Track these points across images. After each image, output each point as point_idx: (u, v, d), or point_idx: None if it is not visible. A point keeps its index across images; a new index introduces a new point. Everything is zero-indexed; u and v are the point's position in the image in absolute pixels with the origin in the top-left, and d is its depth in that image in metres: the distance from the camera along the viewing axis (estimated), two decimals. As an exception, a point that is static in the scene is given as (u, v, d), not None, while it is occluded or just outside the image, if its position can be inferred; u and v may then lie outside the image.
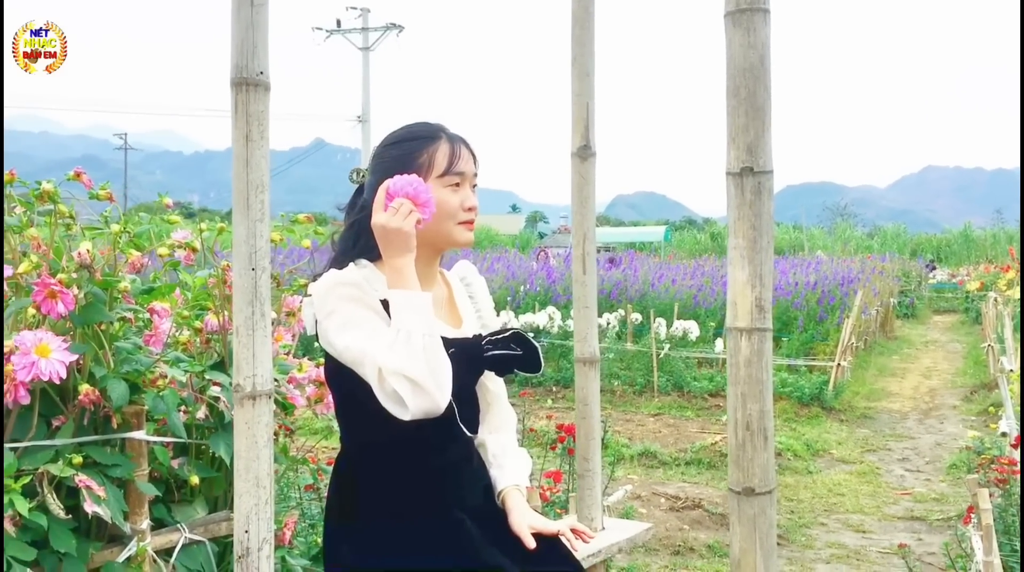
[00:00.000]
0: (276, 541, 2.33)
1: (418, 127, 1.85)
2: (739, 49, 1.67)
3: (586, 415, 2.18)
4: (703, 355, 10.33)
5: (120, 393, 1.85)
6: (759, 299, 1.71)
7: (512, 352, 1.82)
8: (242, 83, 1.39)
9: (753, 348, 1.71)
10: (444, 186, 1.77)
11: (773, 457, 1.73)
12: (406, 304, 1.63)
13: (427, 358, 1.59)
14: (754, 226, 1.70)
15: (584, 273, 2.17)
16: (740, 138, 1.68)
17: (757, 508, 1.72)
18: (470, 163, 1.81)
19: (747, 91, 1.67)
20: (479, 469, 1.87)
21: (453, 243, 1.83)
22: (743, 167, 1.68)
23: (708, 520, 5.44)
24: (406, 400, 1.57)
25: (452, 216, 1.78)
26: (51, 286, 1.74)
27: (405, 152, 1.78)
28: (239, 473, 1.40)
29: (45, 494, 1.72)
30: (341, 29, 30.22)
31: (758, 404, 1.70)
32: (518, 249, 26.27)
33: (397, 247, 1.66)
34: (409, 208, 1.66)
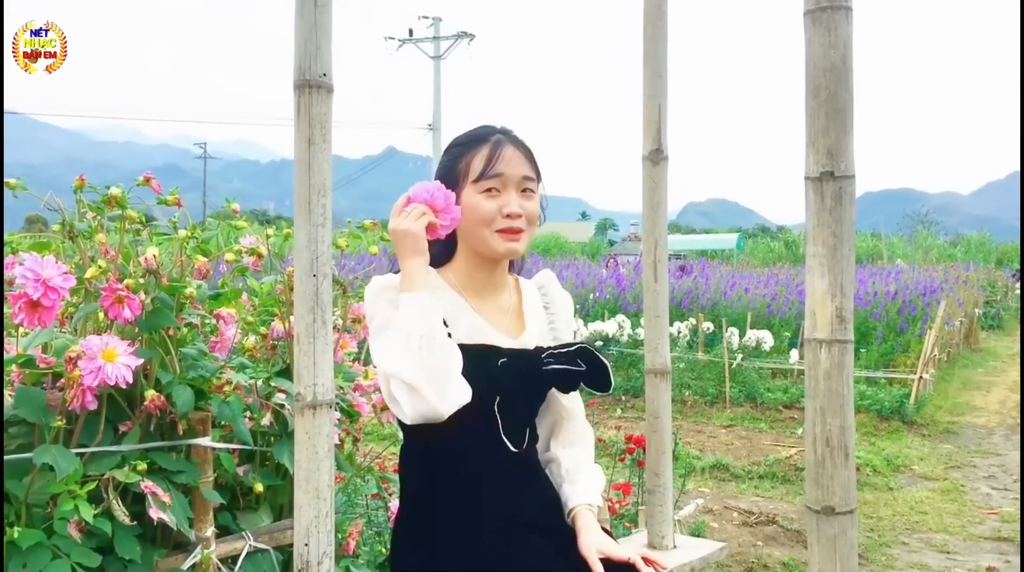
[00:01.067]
0: (340, 551, 2.30)
1: (471, 131, 1.81)
2: (819, 48, 1.61)
3: (657, 428, 2.10)
4: (777, 365, 10.08)
5: (185, 399, 1.84)
6: (840, 309, 1.64)
7: (575, 368, 1.74)
8: (305, 85, 1.36)
9: (833, 360, 1.64)
10: (479, 191, 1.72)
11: (854, 475, 1.66)
12: (408, 306, 1.59)
13: (422, 361, 1.54)
14: (834, 233, 1.63)
15: (655, 281, 2.10)
16: (820, 141, 1.62)
17: (837, 528, 1.65)
18: (516, 166, 1.73)
19: (828, 92, 1.61)
20: (536, 484, 1.79)
21: (493, 253, 1.75)
22: (823, 171, 1.62)
23: (783, 536, 5.27)
24: (402, 403, 1.55)
25: (487, 223, 1.72)
26: (118, 291, 1.75)
27: (451, 158, 1.77)
28: (299, 484, 1.37)
29: (111, 500, 1.72)
30: (413, 38, 30.54)
31: (838, 419, 1.64)
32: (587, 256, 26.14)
33: (406, 249, 1.63)
34: (421, 211, 1.63)
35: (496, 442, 1.72)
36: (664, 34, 2.06)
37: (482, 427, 1.70)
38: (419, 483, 1.76)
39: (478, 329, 1.75)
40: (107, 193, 1.84)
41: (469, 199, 1.71)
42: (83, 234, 1.87)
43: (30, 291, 1.69)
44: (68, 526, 1.65)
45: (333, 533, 1.39)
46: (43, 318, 1.72)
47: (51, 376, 1.79)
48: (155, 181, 1.96)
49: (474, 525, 1.68)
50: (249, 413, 2.09)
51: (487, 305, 1.80)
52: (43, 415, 1.70)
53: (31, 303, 1.70)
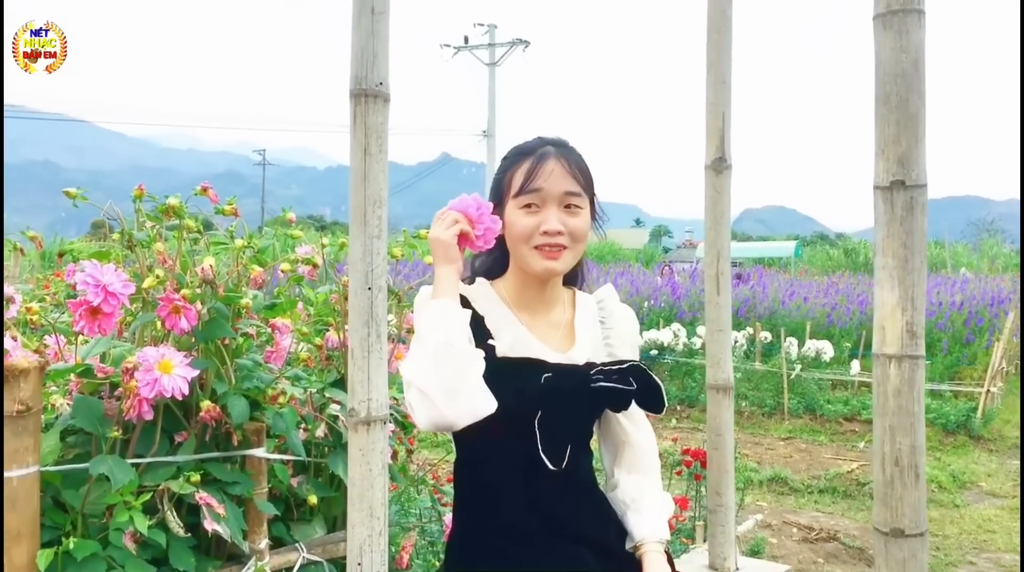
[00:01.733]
0: (393, 564, 2.28)
1: (521, 144, 1.76)
2: (890, 53, 1.56)
3: (719, 445, 2.03)
4: (838, 377, 9.86)
5: (240, 410, 1.83)
6: (910, 324, 1.58)
7: (624, 386, 1.68)
8: (361, 94, 1.34)
9: (903, 377, 1.58)
10: (518, 207, 1.67)
11: (925, 496, 1.59)
12: (432, 314, 1.56)
13: (437, 368, 1.49)
14: (905, 244, 1.57)
15: (718, 293, 2.03)
16: (890, 149, 1.56)
17: (907, 551, 1.59)
18: (557, 181, 1.66)
19: (899, 98, 1.55)
20: (578, 503, 1.72)
21: (530, 270, 1.70)
22: (893, 180, 1.56)
23: (845, 554, 5.13)
24: (416, 409, 1.51)
25: (525, 240, 1.67)
26: (175, 301, 1.74)
27: (499, 171, 1.74)
28: (352, 502, 1.34)
29: (165, 511, 1.71)
30: (468, 45, 30.69)
31: (908, 438, 1.58)
32: (642, 264, 25.93)
33: (436, 256, 1.60)
34: (453, 219, 1.60)
35: (535, 459, 1.66)
36: (728, 40, 2.00)
37: (521, 443, 1.65)
38: (460, 495, 1.73)
39: (523, 342, 1.70)
40: (165, 203, 1.84)
41: (510, 215, 1.68)
42: (142, 243, 1.87)
43: (91, 297, 1.69)
44: (123, 537, 1.65)
45: (387, 551, 1.36)
46: (103, 325, 1.73)
47: (108, 385, 1.79)
48: (212, 191, 1.96)
49: (498, 538, 1.65)
50: (303, 424, 2.08)
51: (537, 320, 1.76)
52: (100, 425, 1.70)
53: (91, 310, 1.71)
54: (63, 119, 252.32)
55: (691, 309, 12.86)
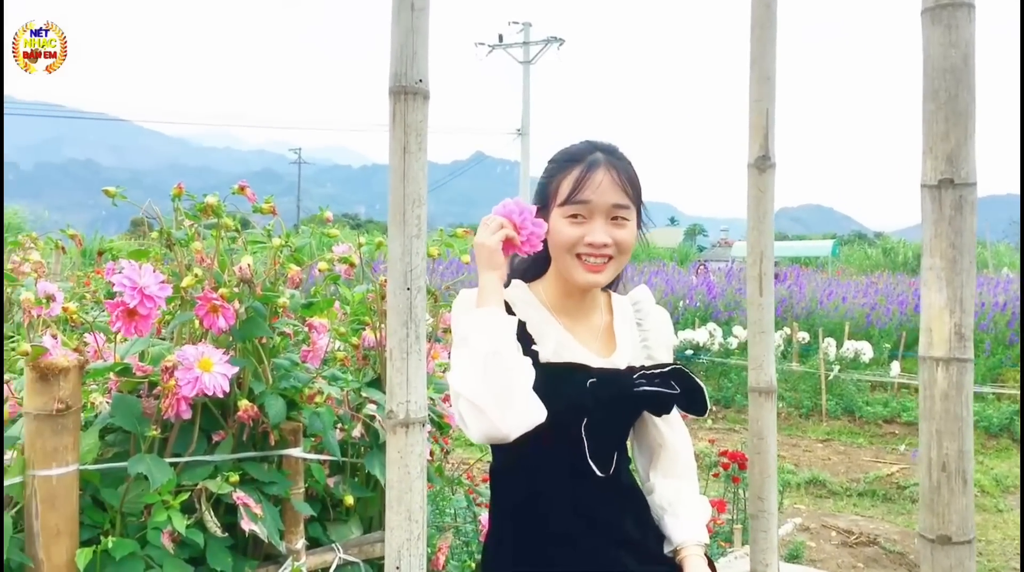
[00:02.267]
0: (429, 566, 2.26)
1: (569, 149, 1.72)
2: (939, 48, 1.50)
3: (761, 450, 1.98)
4: (877, 378, 9.71)
5: (278, 410, 1.82)
6: (959, 326, 1.53)
7: (668, 390, 1.65)
8: (400, 91, 1.31)
9: (951, 380, 1.52)
10: (563, 216, 1.64)
11: (972, 503, 1.54)
12: (479, 322, 1.52)
13: (487, 379, 1.46)
14: (954, 245, 1.52)
15: (760, 294, 1.98)
16: (939, 147, 1.51)
17: (954, 559, 1.53)
18: (606, 193, 1.63)
19: (947, 95, 1.50)
20: (625, 510, 1.70)
21: (572, 280, 1.67)
22: (942, 179, 1.51)
23: (885, 559, 5.04)
24: (468, 421, 1.48)
25: (567, 250, 1.64)
26: (213, 300, 1.74)
27: (546, 176, 1.70)
28: (391, 505, 1.32)
29: (203, 511, 1.71)
30: (503, 44, 30.67)
31: (956, 443, 1.52)
32: (676, 263, 25.75)
33: (481, 262, 1.57)
34: (498, 224, 1.58)
35: (581, 465, 1.64)
36: (773, 36, 1.95)
37: (567, 450, 1.62)
38: (504, 501, 1.70)
39: (567, 347, 1.67)
40: (203, 202, 1.84)
41: (555, 222, 1.64)
42: (180, 242, 1.87)
43: (127, 299, 1.69)
44: (161, 536, 1.65)
45: (425, 556, 1.34)
46: (140, 327, 1.73)
47: (147, 384, 1.79)
48: (250, 190, 1.96)
49: (544, 545, 1.62)
50: (340, 424, 2.07)
51: (577, 324, 1.73)
52: (138, 424, 1.70)
53: (128, 311, 1.71)
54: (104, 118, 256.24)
55: (727, 309, 12.74)
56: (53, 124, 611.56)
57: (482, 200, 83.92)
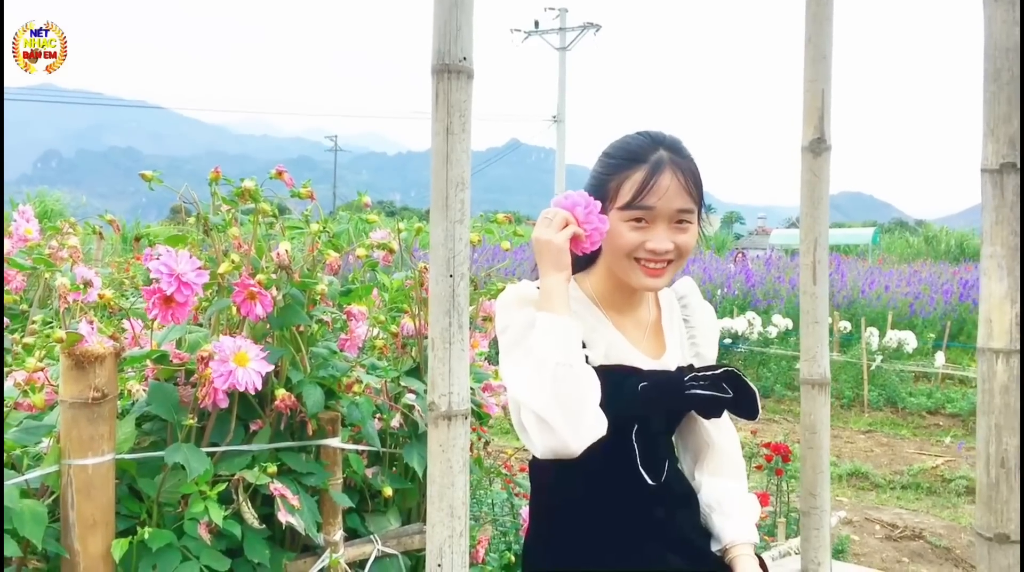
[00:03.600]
0: (469, 560, 2.22)
1: (633, 142, 1.60)
2: (1001, 26, 1.44)
3: (813, 444, 1.91)
4: (921, 369, 9.52)
5: (315, 399, 1.79)
6: (1021, 316, 1.45)
7: (721, 394, 1.57)
8: (444, 70, 1.25)
9: (1011, 373, 1.46)
10: (624, 220, 1.53)
11: None
12: (546, 329, 1.43)
13: (556, 391, 1.38)
14: (1016, 231, 1.45)
15: (814, 283, 1.91)
16: (1001, 129, 1.44)
17: (1012, 559, 1.47)
18: (672, 199, 1.53)
19: (1010, 74, 1.43)
20: (678, 518, 1.64)
21: (630, 284, 1.58)
22: (1004, 163, 1.44)
23: (930, 553, 4.92)
24: (532, 435, 1.40)
25: (627, 254, 1.54)
26: (250, 287, 1.70)
27: (603, 170, 1.58)
28: (432, 500, 1.27)
29: (240, 502, 1.68)
30: (539, 30, 30.48)
31: (1016, 438, 1.46)
32: (714, 251, 25.51)
33: (547, 262, 1.46)
34: (564, 220, 1.47)
35: (633, 474, 1.57)
36: (830, 13, 1.86)
37: (618, 458, 1.56)
38: (548, 503, 1.63)
39: (618, 348, 1.60)
40: (241, 186, 1.80)
41: (614, 224, 1.54)
42: (217, 228, 1.83)
43: (164, 286, 1.66)
44: (198, 527, 1.62)
45: (467, 553, 1.29)
46: (176, 314, 1.69)
47: (184, 372, 1.76)
48: (287, 174, 1.91)
49: (592, 549, 1.56)
50: (379, 414, 2.03)
51: (626, 320, 1.65)
52: (175, 412, 1.67)
53: (165, 298, 1.67)
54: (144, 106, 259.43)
55: (765, 297, 12.57)
56: (94, 112, 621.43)
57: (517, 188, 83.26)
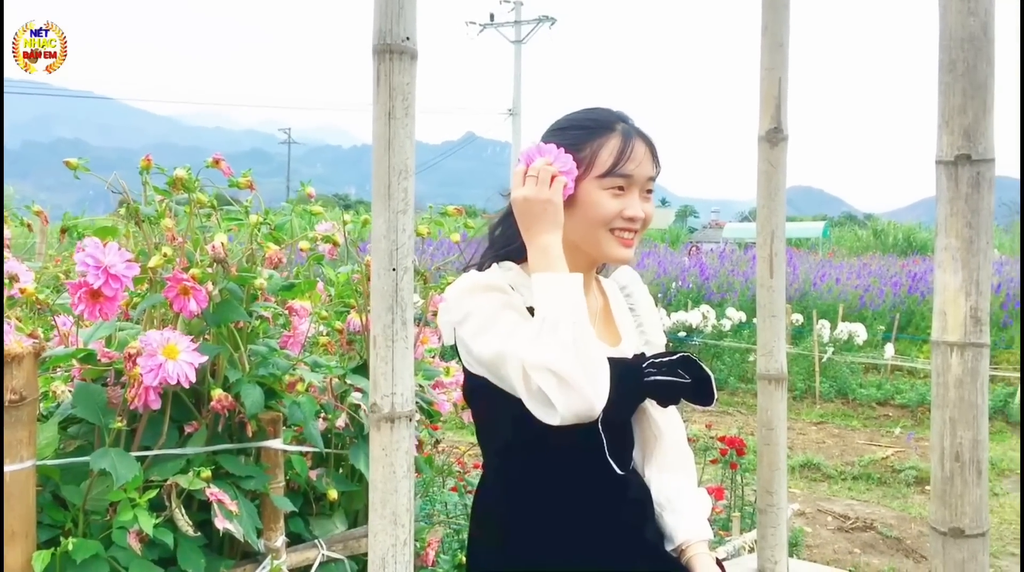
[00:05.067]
0: (418, 561, 2.15)
1: (593, 113, 1.57)
2: (956, 16, 1.42)
3: (770, 441, 1.88)
4: (870, 360, 9.66)
5: (255, 399, 1.70)
6: (975, 309, 1.44)
7: (679, 379, 1.53)
8: (385, 50, 1.18)
9: (966, 366, 1.44)
10: (603, 189, 1.49)
11: (987, 494, 1.45)
12: (552, 288, 1.36)
13: (577, 350, 1.31)
14: (970, 224, 1.43)
15: (771, 276, 1.87)
16: (956, 120, 1.42)
17: (967, 553, 1.46)
18: (645, 166, 1.51)
19: (966, 65, 1.41)
20: (642, 515, 1.59)
21: (605, 256, 1.54)
22: (959, 155, 1.43)
23: (881, 544, 4.96)
24: (553, 399, 1.30)
25: (605, 223, 1.50)
26: (183, 282, 1.60)
27: (569, 141, 1.51)
28: (374, 508, 1.19)
29: (173, 508, 1.59)
30: (494, 23, 30.35)
31: (971, 432, 1.45)
32: (668, 244, 25.66)
33: (542, 222, 1.41)
34: (552, 173, 1.42)
35: (600, 464, 1.51)
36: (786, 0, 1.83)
37: (585, 448, 1.49)
38: (509, 498, 1.56)
39: None
40: (173, 175, 1.70)
41: (590, 194, 1.49)
42: (149, 219, 1.73)
43: (91, 279, 1.56)
44: (128, 536, 1.52)
45: (412, 562, 1.22)
46: (104, 309, 1.60)
47: (113, 372, 1.66)
48: (225, 163, 1.82)
49: (558, 546, 1.50)
50: (323, 414, 1.94)
51: None
52: (103, 415, 1.57)
53: (92, 292, 1.58)
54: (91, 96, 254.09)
55: (719, 290, 12.66)
56: (41, 103, 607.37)
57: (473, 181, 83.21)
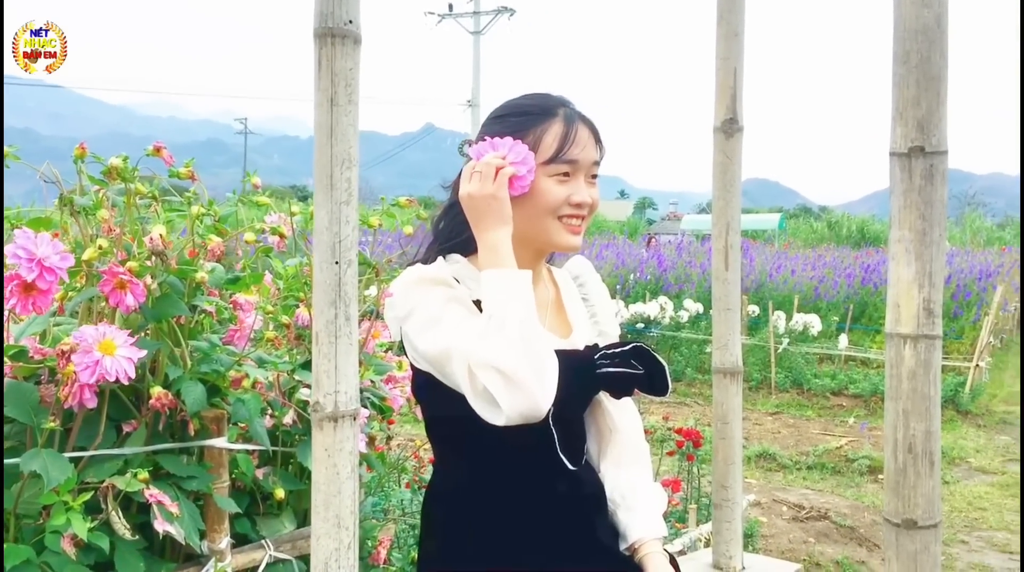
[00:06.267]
0: (370, 560, 2.11)
1: (533, 99, 1.53)
2: (910, 8, 1.44)
3: (726, 435, 1.86)
4: (825, 351, 9.78)
5: (196, 397, 1.64)
6: (928, 301, 1.46)
7: (632, 370, 1.50)
8: (327, 34, 1.13)
9: (919, 358, 1.47)
10: (549, 175, 1.45)
11: (939, 485, 1.47)
12: (500, 285, 1.33)
13: (525, 348, 1.28)
14: (924, 216, 1.46)
15: (726, 269, 1.86)
16: (909, 112, 1.44)
17: (920, 544, 1.48)
18: (589, 150, 1.48)
19: (919, 57, 1.43)
20: (594, 512, 1.56)
21: (554, 244, 1.50)
22: (912, 147, 1.45)
23: (836, 533, 5.02)
24: (499, 398, 1.27)
25: (553, 211, 1.46)
26: (120, 275, 1.54)
27: (511, 129, 1.48)
28: (316, 510, 1.15)
29: (110, 511, 1.52)
30: (453, 13, 30.20)
31: (924, 423, 1.47)
32: (626, 236, 25.76)
33: (488, 218, 1.38)
34: (497, 168, 1.39)
35: (552, 460, 1.48)
36: (742, -13, 1.81)
37: (536, 444, 1.46)
38: (458, 496, 1.52)
39: None
40: (108, 164, 1.63)
41: (535, 182, 1.45)
42: (85, 210, 1.66)
43: (23, 272, 1.49)
44: (61, 541, 1.46)
45: (356, 566, 1.18)
46: (38, 303, 1.52)
47: (47, 370, 1.59)
48: (166, 151, 1.75)
49: (511, 546, 1.46)
50: (270, 410, 1.89)
51: None
52: (35, 414, 1.50)
53: (24, 286, 1.50)
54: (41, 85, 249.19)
55: (677, 282, 12.73)
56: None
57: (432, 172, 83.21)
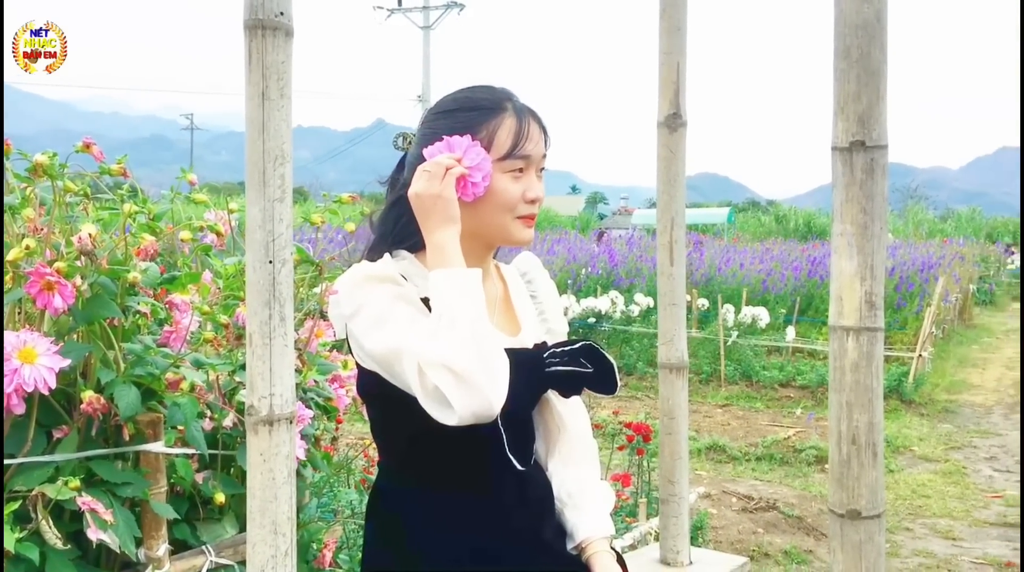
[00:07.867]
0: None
1: (479, 92, 1.50)
2: (851, 3, 1.46)
3: (672, 430, 1.86)
4: (773, 343, 9.94)
5: (129, 401, 1.58)
6: (870, 294, 1.49)
7: (581, 369, 1.49)
8: (257, 26, 1.10)
9: (862, 350, 1.50)
10: (504, 172, 1.43)
11: (882, 476, 1.49)
12: (449, 284, 1.32)
13: (477, 347, 1.27)
14: (865, 210, 1.48)
15: (671, 264, 1.85)
16: (850, 107, 1.46)
17: (864, 534, 1.51)
18: (539, 144, 1.47)
19: (860, 52, 1.45)
20: (542, 512, 1.55)
21: (508, 240, 1.49)
22: (853, 141, 1.47)
23: (784, 523, 5.09)
24: (450, 398, 1.25)
25: (510, 209, 1.44)
26: (47, 276, 1.48)
27: (462, 124, 1.44)
28: (252, 517, 1.12)
29: (39, 520, 1.47)
30: (402, 8, 30.03)
31: (867, 415, 1.50)
32: (578, 231, 25.88)
33: (436, 217, 1.35)
34: (446, 167, 1.36)
35: (500, 460, 1.46)
36: (684, -19, 1.81)
37: (484, 443, 1.43)
38: (404, 495, 1.50)
39: None
40: (34, 161, 1.57)
41: (493, 179, 1.42)
42: (11, 209, 1.60)
43: (-56, 276, 1.43)
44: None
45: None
46: (-40, 307, 1.47)
47: (-29, 375, 1.53)
48: (96, 148, 1.70)
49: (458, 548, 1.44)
50: (209, 413, 1.84)
51: None
52: (-42, 422, 1.44)
53: (-55, 290, 1.45)
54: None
55: (628, 276, 12.82)
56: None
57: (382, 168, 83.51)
